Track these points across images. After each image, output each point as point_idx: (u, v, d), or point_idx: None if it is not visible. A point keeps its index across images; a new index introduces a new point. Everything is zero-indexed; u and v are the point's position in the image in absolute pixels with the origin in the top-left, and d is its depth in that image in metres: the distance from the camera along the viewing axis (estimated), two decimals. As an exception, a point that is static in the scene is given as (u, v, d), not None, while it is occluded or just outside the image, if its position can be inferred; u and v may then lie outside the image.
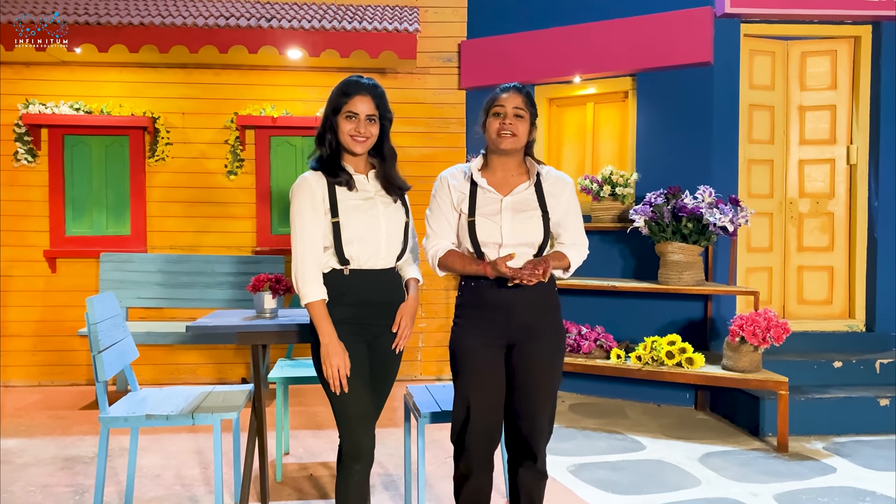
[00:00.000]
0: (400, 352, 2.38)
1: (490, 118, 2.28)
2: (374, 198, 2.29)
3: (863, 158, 4.69)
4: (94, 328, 2.69)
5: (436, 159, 5.26)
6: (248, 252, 5.20)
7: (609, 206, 4.75)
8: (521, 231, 2.23)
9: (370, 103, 2.24)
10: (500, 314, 2.23)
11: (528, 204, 2.25)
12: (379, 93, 2.27)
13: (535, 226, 2.24)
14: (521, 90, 2.28)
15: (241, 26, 4.69)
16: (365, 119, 2.23)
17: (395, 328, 2.32)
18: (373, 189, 2.30)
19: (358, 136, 2.23)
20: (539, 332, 2.25)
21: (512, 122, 2.23)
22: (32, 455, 3.65)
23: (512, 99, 2.25)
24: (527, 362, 2.24)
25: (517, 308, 2.22)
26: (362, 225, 2.23)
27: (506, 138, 2.23)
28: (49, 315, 5.11)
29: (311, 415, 4.40)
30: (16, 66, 5.03)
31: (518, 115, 2.24)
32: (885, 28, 4.58)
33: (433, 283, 5.33)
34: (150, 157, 5.14)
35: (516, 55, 5.09)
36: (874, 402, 4.06)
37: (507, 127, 2.23)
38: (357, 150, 2.26)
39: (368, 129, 2.24)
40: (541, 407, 2.25)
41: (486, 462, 2.32)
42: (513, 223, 2.23)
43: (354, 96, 2.22)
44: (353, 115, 2.22)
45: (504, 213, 2.23)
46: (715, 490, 3.22)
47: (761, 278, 4.79)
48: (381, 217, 2.28)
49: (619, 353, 4.26)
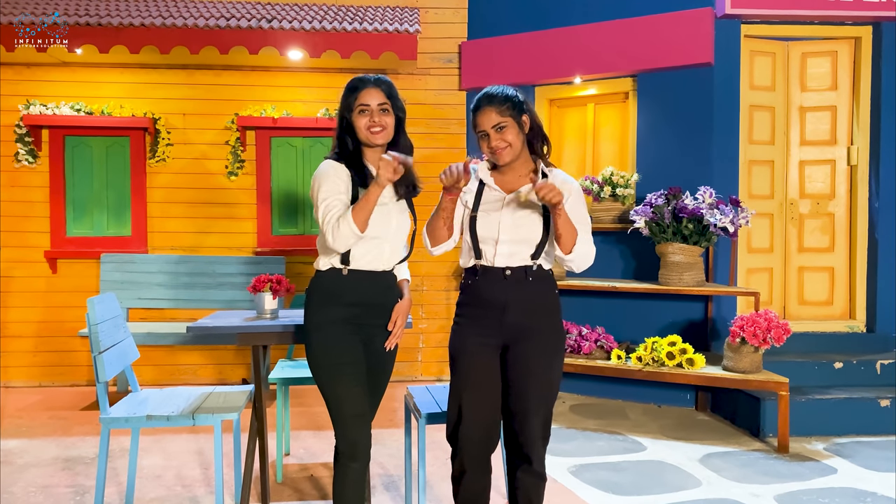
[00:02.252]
0: (394, 350, 2.42)
1: (479, 138, 2.24)
2: (388, 205, 2.30)
3: (863, 159, 4.69)
4: (94, 329, 2.69)
5: (436, 160, 5.26)
6: (249, 253, 5.21)
7: (609, 206, 4.76)
8: (520, 228, 2.21)
9: (380, 94, 2.25)
10: (494, 313, 2.22)
11: (530, 202, 2.24)
12: (387, 83, 2.29)
13: (534, 223, 2.22)
14: (492, 100, 2.19)
15: (241, 27, 4.69)
16: (378, 109, 2.24)
17: (390, 327, 2.36)
18: (388, 196, 2.31)
19: (374, 127, 2.24)
20: (535, 332, 2.22)
21: (496, 139, 2.19)
22: (33, 456, 3.65)
23: (487, 118, 2.19)
24: (520, 363, 2.21)
25: (511, 307, 2.21)
26: (372, 227, 2.23)
27: (500, 154, 2.20)
28: (50, 316, 5.11)
29: (312, 415, 4.40)
30: (17, 67, 5.03)
31: (500, 128, 2.19)
32: (885, 29, 4.58)
33: (433, 284, 5.33)
34: (151, 158, 5.15)
35: (517, 56, 5.09)
36: (875, 402, 4.06)
37: (496, 146, 2.19)
38: (377, 141, 2.26)
39: (383, 119, 2.25)
40: (534, 409, 2.21)
41: (481, 463, 2.29)
42: (511, 220, 2.22)
43: (363, 90, 2.24)
44: (365, 108, 2.24)
45: (505, 210, 2.23)
46: (716, 491, 3.22)
47: (762, 279, 4.78)
48: (392, 223, 2.31)
49: (619, 354, 4.26)
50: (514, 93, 2.24)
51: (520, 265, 2.21)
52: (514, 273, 2.20)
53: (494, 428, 2.29)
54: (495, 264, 2.21)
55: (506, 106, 2.19)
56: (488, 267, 2.23)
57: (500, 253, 2.21)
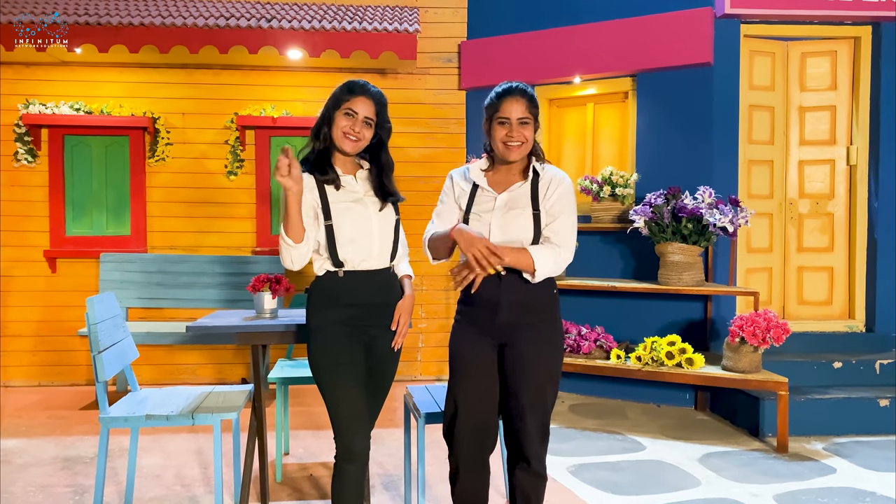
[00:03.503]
0: (398, 352, 2.40)
1: (495, 124, 2.21)
2: (364, 198, 2.30)
3: (863, 159, 4.69)
4: (94, 328, 2.69)
5: (436, 160, 5.26)
6: (248, 252, 5.21)
7: (609, 206, 4.76)
8: (510, 228, 2.19)
9: (371, 107, 2.26)
10: (488, 312, 2.21)
11: (520, 201, 2.22)
12: (382, 101, 2.30)
13: (525, 223, 2.20)
14: (524, 93, 2.20)
15: (241, 27, 4.69)
16: (362, 120, 2.25)
17: (393, 326, 2.34)
18: (361, 190, 2.31)
19: (351, 135, 2.25)
20: (530, 332, 2.21)
21: (518, 131, 2.18)
22: (32, 455, 3.65)
23: (516, 107, 2.17)
24: (516, 361, 2.20)
25: (504, 307, 2.19)
26: (355, 227, 2.25)
27: (514, 149, 2.19)
28: (49, 315, 5.11)
29: (311, 415, 4.40)
30: (16, 67, 5.03)
31: (524, 122, 2.18)
32: (885, 29, 4.58)
33: (433, 284, 5.33)
34: (151, 158, 5.14)
35: (516, 55, 5.09)
36: (874, 402, 4.07)
37: (515, 138, 2.18)
38: (347, 149, 2.27)
39: (363, 131, 2.26)
40: (530, 408, 2.20)
41: (477, 463, 2.27)
42: (502, 220, 2.20)
43: (358, 96, 2.25)
44: (352, 112, 2.24)
45: (496, 211, 2.22)
46: (715, 490, 3.22)
47: (761, 279, 4.79)
48: (372, 218, 2.30)
49: (618, 354, 4.26)
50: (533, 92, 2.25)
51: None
52: (508, 273, 2.19)
53: (491, 428, 2.27)
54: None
55: (532, 104, 2.21)
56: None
57: None
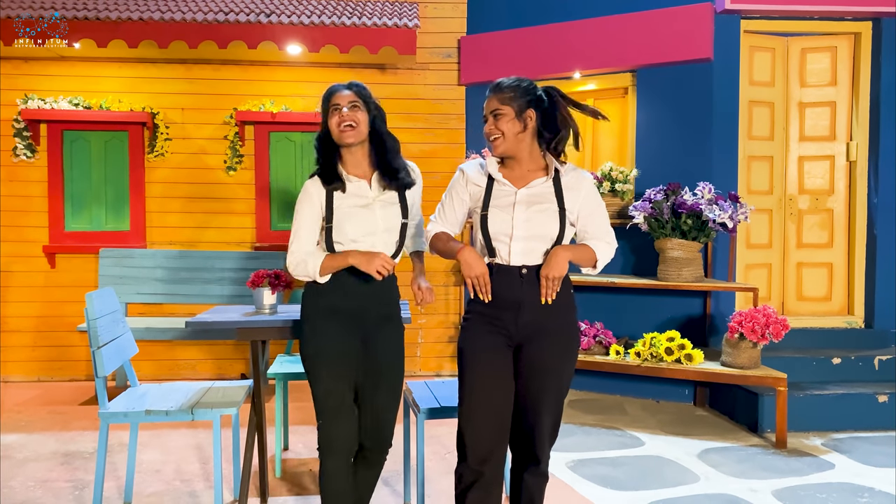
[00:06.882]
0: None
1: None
2: (373, 203, 2.31)
3: (862, 155, 4.69)
4: (93, 324, 2.69)
5: (435, 155, 5.25)
6: (248, 248, 5.20)
7: (608, 202, 4.75)
8: (534, 223, 2.14)
9: (350, 95, 2.31)
10: (509, 312, 2.15)
11: (544, 197, 2.17)
12: (358, 86, 2.35)
13: (550, 219, 2.15)
14: (498, 87, 2.17)
15: (240, 21, 4.68)
16: (348, 104, 2.28)
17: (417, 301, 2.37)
18: (373, 195, 2.31)
19: (344, 122, 2.27)
20: (549, 332, 2.16)
21: (490, 126, 2.18)
22: (32, 450, 3.65)
23: (489, 102, 2.18)
24: (534, 362, 2.16)
25: (527, 307, 2.14)
26: (357, 228, 2.27)
27: (492, 143, 2.19)
28: (48, 310, 5.11)
29: (311, 410, 4.37)
30: (14, 62, 5.02)
31: (497, 115, 2.15)
32: (885, 24, 4.57)
33: (432, 279, 5.32)
34: (150, 153, 5.13)
35: (516, 51, 5.08)
36: (873, 398, 4.07)
37: (489, 131, 2.18)
38: (349, 139, 2.28)
39: (355, 115, 2.28)
40: (545, 409, 2.16)
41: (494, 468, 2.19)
42: (526, 215, 2.15)
43: (336, 92, 2.33)
44: (336, 107, 2.29)
45: (517, 206, 2.16)
46: (714, 486, 3.23)
47: (760, 275, 4.79)
48: (378, 220, 2.31)
49: (618, 350, 4.26)
50: (526, 85, 2.18)
51: (536, 263, 2.15)
52: (529, 272, 2.14)
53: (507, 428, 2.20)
54: (511, 262, 2.14)
55: (509, 95, 2.15)
56: (503, 265, 2.16)
57: (514, 250, 2.14)
